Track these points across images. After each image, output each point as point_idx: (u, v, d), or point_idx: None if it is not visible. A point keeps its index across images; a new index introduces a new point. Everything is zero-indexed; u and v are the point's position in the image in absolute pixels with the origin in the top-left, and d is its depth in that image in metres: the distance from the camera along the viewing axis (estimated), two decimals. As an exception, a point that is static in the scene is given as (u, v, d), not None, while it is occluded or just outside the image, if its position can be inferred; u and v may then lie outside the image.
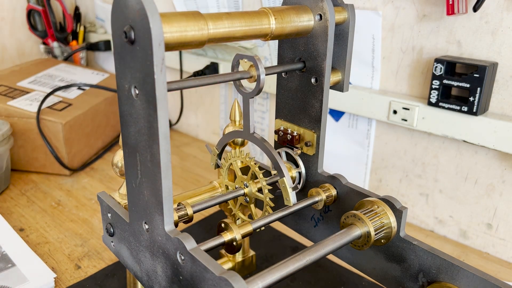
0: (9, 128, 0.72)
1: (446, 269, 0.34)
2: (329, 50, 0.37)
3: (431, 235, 0.65)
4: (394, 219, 0.37)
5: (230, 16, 0.32)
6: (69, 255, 0.58)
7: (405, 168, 0.67)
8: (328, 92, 0.38)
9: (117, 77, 0.31)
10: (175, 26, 0.28)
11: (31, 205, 0.70)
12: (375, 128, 0.69)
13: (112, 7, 0.29)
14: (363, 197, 0.40)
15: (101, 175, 0.80)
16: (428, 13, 0.58)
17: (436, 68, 0.56)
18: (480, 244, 0.61)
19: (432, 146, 0.63)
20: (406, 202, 0.68)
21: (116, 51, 0.30)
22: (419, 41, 0.60)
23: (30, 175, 0.79)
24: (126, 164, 0.34)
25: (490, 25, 0.53)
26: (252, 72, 0.35)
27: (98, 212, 0.68)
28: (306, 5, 0.36)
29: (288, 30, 0.35)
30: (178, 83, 0.31)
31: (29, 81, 0.88)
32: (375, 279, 0.40)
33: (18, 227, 0.63)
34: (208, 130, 0.98)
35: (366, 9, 0.63)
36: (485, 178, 0.59)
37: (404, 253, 0.37)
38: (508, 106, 0.55)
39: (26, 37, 1.13)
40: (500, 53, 0.54)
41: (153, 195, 0.31)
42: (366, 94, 0.65)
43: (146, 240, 0.35)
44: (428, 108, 0.59)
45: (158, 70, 0.27)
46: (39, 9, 1.06)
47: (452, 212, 0.63)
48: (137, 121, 0.31)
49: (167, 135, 0.29)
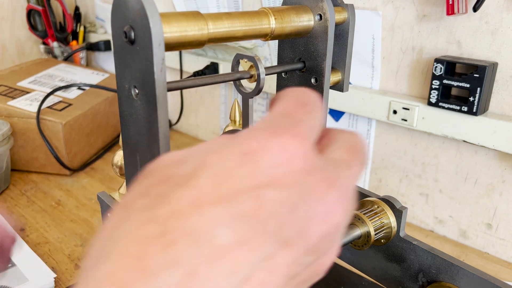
0: (9, 128, 0.72)
1: (446, 269, 0.34)
2: (329, 50, 0.37)
3: (431, 235, 0.65)
4: (394, 219, 0.37)
5: (230, 16, 0.32)
6: (69, 255, 0.58)
7: (405, 168, 0.67)
8: (328, 92, 0.38)
9: (117, 77, 0.31)
10: (175, 26, 0.28)
11: (31, 205, 0.70)
12: (375, 128, 0.69)
13: (112, 7, 0.29)
14: (363, 197, 0.40)
15: (101, 175, 0.80)
16: (428, 13, 0.58)
17: (436, 68, 0.56)
18: (480, 244, 0.61)
19: (432, 146, 0.63)
20: (406, 202, 0.68)
21: (116, 51, 0.30)
22: (419, 41, 0.60)
23: (30, 175, 0.79)
24: (126, 164, 0.34)
25: (490, 25, 0.53)
26: (252, 72, 0.35)
27: (98, 212, 0.68)
28: (306, 5, 0.36)
29: (288, 30, 0.35)
30: (178, 83, 0.31)
31: (29, 81, 0.88)
32: (375, 279, 0.40)
33: (18, 227, 0.63)
34: (208, 130, 0.98)
35: (366, 9, 0.63)
36: (485, 178, 0.59)
37: (404, 253, 0.37)
38: (508, 106, 0.55)
39: (26, 37, 1.13)
40: (500, 53, 0.54)
41: (153, 195, 0.31)
42: (366, 94, 0.65)
43: (146, 240, 0.35)
44: (428, 108, 0.59)
45: (158, 70, 0.27)
46: (39, 9, 1.06)
47: (452, 212, 0.63)
48: (137, 121, 0.31)
49: (167, 135, 0.29)
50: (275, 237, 0.16)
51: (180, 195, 0.16)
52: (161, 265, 0.14)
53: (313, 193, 0.17)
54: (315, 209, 0.17)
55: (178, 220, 0.15)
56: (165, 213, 0.15)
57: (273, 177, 0.16)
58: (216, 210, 0.15)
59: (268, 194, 0.16)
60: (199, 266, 0.14)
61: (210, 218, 0.15)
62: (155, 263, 0.14)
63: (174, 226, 0.15)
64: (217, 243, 0.15)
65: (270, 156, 0.17)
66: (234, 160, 0.16)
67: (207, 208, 0.15)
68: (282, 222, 0.16)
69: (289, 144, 0.17)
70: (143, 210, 0.16)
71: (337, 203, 0.17)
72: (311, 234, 0.17)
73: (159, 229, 0.15)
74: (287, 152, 0.17)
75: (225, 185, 0.16)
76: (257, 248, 0.15)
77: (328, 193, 0.17)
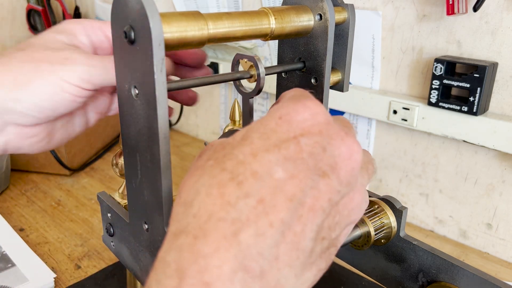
0: (9, 128, 0.72)
1: (446, 269, 0.34)
2: (329, 50, 0.36)
3: (431, 235, 0.65)
4: (394, 219, 0.37)
5: (230, 16, 0.32)
6: (69, 255, 0.58)
7: (405, 168, 0.67)
8: (328, 92, 0.38)
9: (117, 77, 0.31)
10: (175, 26, 0.28)
11: (31, 205, 0.70)
12: (375, 128, 0.69)
13: (112, 7, 0.29)
14: (363, 197, 0.39)
15: (101, 175, 0.80)
16: (428, 13, 0.58)
17: (436, 68, 0.56)
18: (480, 244, 0.61)
19: (432, 146, 0.63)
20: (406, 202, 0.68)
21: (116, 51, 0.30)
22: (419, 41, 0.60)
23: (30, 175, 0.79)
24: (126, 164, 0.34)
25: (490, 25, 0.53)
26: (252, 72, 0.35)
27: (98, 212, 0.68)
28: (306, 5, 0.36)
29: (288, 30, 0.35)
30: (178, 83, 0.31)
31: (29, 81, 0.88)
32: (375, 279, 0.40)
33: (18, 227, 0.63)
34: (208, 130, 0.98)
35: (366, 9, 0.63)
36: (485, 178, 0.59)
37: (404, 253, 0.37)
38: (508, 106, 0.55)
39: (26, 37, 1.13)
40: (500, 53, 0.54)
41: (153, 195, 0.31)
42: (366, 94, 0.65)
43: (146, 240, 0.35)
44: (428, 108, 0.59)
45: (158, 70, 0.27)
46: (39, 9, 1.06)
47: (452, 212, 0.63)
48: (137, 121, 0.31)
49: (167, 135, 0.29)
50: (315, 171, 0.21)
51: (239, 150, 0.21)
52: (237, 196, 0.19)
53: (335, 138, 0.22)
54: (339, 149, 0.22)
55: (243, 166, 0.20)
56: (232, 164, 0.20)
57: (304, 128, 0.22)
58: (270, 155, 0.20)
59: (303, 140, 0.21)
60: (266, 195, 0.19)
61: (267, 161, 0.20)
62: (232, 196, 0.19)
63: (241, 170, 0.20)
64: (275, 177, 0.20)
65: (299, 114, 0.22)
66: (273, 123, 0.22)
67: (262, 155, 0.20)
68: (317, 159, 0.21)
69: (310, 104, 0.22)
70: (214, 166, 0.21)
71: (355, 144, 0.23)
72: (340, 167, 0.22)
73: (230, 175, 0.20)
74: (310, 110, 0.22)
75: (272, 138, 0.21)
76: (304, 179, 0.20)
77: (347, 137, 0.22)
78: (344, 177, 0.22)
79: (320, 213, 0.21)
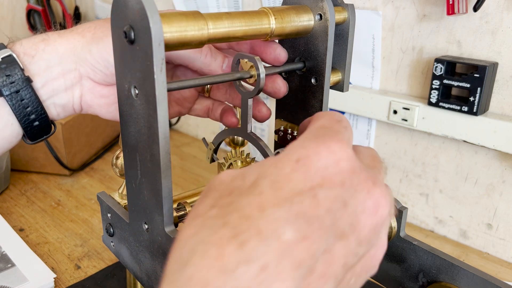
0: (9, 128, 0.72)
1: (446, 269, 0.34)
2: (329, 50, 0.36)
3: (431, 235, 0.65)
4: (394, 219, 0.37)
5: (230, 16, 0.32)
6: (69, 255, 0.58)
7: (405, 168, 0.67)
8: (328, 92, 0.38)
9: (117, 77, 0.31)
10: (175, 26, 0.28)
11: (31, 205, 0.70)
12: (375, 128, 0.69)
13: (112, 7, 0.29)
14: (363, 197, 0.39)
15: (101, 175, 0.80)
16: (428, 13, 0.58)
17: (436, 68, 0.56)
18: (480, 244, 0.61)
19: (432, 146, 0.62)
20: (406, 202, 0.68)
21: (116, 51, 0.30)
22: (419, 41, 0.60)
23: (30, 175, 0.79)
24: (126, 164, 0.34)
25: (490, 25, 0.53)
26: (252, 72, 0.35)
27: (98, 212, 0.68)
28: (306, 5, 0.36)
29: (288, 30, 0.35)
30: (178, 83, 0.31)
31: (29, 81, 0.88)
32: (375, 279, 0.40)
33: (18, 227, 0.63)
34: (208, 130, 0.98)
35: (366, 9, 0.63)
36: (485, 178, 0.59)
37: (404, 253, 0.37)
38: (508, 106, 0.55)
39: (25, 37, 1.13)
40: (500, 53, 0.53)
41: (153, 195, 0.31)
42: (366, 94, 0.65)
43: (146, 240, 0.35)
44: (428, 108, 0.59)
45: (158, 70, 0.27)
46: (39, 9, 1.06)
47: (452, 212, 0.63)
48: (137, 121, 0.31)
49: (167, 135, 0.29)
50: (332, 231, 0.18)
51: (246, 202, 0.18)
52: (237, 261, 0.16)
53: (361, 190, 0.19)
54: (364, 204, 0.19)
55: (247, 222, 0.17)
56: (236, 218, 0.18)
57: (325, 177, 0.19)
58: (279, 211, 0.18)
59: (322, 193, 0.18)
60: (270, 260, 0.17)
61: (275, 218, 0.17)
62: (232, 261, 0.16)
63: (244, 228, 0.17)
64: (283, 239, 0.17)
65: (319, 159, 0.19)
66: (288, 167, 0.19)
67: (271, 210, 0.18)
68: (336, 217, 0.18)
69: (335, 148, 0.19)
70: (216, 217, 0.18)
71: (383, 197, 0.20)
72: (362, 226, 0.19)
73: (232, 232, 0.17)
74: (334, 155, 0.19)
75: (284, 189, 0.18)
76: (317, 242, 0.17)
77: (374, 189, 0.20)
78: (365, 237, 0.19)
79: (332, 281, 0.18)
